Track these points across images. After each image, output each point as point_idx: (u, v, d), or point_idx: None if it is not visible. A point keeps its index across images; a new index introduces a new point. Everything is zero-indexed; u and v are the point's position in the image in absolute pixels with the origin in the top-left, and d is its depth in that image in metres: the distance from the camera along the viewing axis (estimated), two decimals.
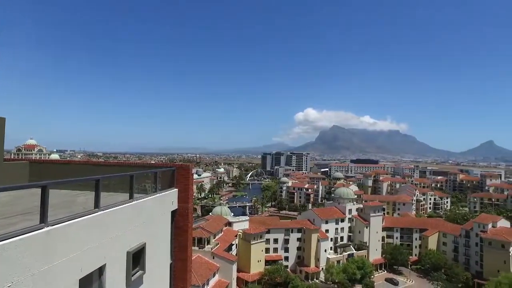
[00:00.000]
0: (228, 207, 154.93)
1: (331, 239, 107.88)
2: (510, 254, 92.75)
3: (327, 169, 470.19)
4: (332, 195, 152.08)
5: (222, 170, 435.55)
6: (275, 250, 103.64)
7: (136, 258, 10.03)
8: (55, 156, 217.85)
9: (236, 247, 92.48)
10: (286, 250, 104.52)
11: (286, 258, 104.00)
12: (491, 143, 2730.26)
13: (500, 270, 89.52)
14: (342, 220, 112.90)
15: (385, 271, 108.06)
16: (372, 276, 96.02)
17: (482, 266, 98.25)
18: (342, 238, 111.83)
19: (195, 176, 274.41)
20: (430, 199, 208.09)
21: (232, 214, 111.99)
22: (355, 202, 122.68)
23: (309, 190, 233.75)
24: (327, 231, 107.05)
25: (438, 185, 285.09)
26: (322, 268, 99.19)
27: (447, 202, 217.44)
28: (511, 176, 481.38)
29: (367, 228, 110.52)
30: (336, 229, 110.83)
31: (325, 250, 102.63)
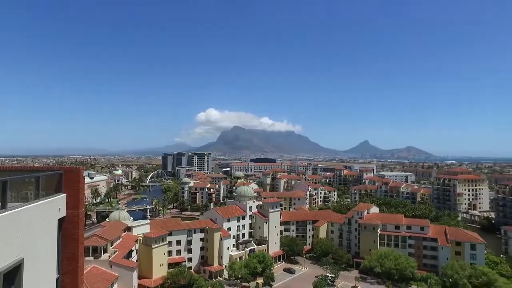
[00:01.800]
0: (127, 211, 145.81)
1: (233, 236, 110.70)
2: (378, 235, 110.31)
3: (228, 169, 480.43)
4: (234, 193, 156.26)
5: (120, 172, 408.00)
6: (178, 252, 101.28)
7: (10, 278, 8.69)
8: None
9: (136, 253, 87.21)
10: (190, 251, 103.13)
11: (190, 259, 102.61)
12: (367, 143, 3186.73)
13: (372, 249, 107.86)
14: (243, 218, 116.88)
15: (284, 262, 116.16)
16: (272, 268, 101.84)
17: (359, 247, 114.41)
18: (243, 234, 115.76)
19: (87, 179, 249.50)
20: (320, 193, 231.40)
21: (132, 218, 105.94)
22: (255, 200, 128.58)
23: (211, 189, 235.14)
24: (229, 229, 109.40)
25: (327, 180, 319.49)
26: (226, 266, 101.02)
27: (334, 195, 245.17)
28: (381, 170, 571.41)
29: (266, 223, 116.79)
30: (238, 226, 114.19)
31: (228, 248, 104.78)
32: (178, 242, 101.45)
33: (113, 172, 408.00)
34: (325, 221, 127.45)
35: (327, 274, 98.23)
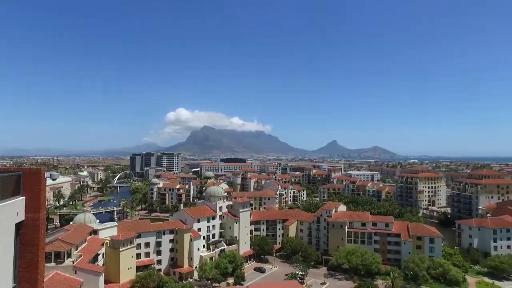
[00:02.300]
0: (93, 213, 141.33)
1: (204, 237, 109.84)
2: (345, 232, 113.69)
3: (198, 169, 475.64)
4: (204, 194, 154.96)
5: (85, 173, 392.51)
6: (147, 254, 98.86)
7: None
8: None
9: (103, 257, 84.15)
10: (159, 253, 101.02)
11: (159, 262, 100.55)
12: (335, 143, 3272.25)
13: (340, 246, 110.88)
14: (214, 218, 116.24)
15: (254, 261, 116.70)
16: (243, 268, 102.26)
17: (328, 244, 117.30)
18: (214, 235, 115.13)
19: (50, 181, 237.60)
20: (290, 192, 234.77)
21: (98, 221, 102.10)
22: (225, 200, 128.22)
23: (181, 190, 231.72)
24: (199, 229, 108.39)
25: (297, 180, 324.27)
26: (196, 267, 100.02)
27: (303, 194, 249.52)
28: (348, 169, 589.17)
29: (237, 223, 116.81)
30: (208, 227, 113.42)
31: (198, 249, 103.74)
32: (147, 244, 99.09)
33: (78, 173, 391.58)
34: (294, 220, 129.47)
35: (297, 272, 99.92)
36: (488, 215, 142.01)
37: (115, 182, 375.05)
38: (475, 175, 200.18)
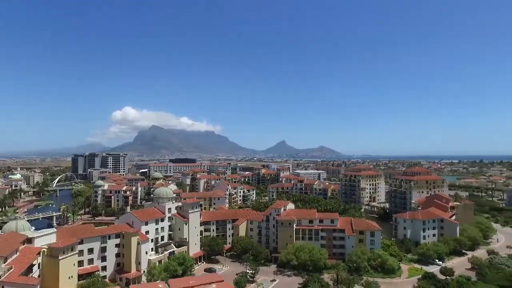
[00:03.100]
0: (28, 220, 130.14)
1: (152, 240, 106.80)
2: (294, 230, 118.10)
3: (146, 170, 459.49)
4: (152, 195, 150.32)
5: (18, 176, 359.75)
6: (91, 261, 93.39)
7: None
8: None
9: (39, 267, 77.89)
10: (104, 259, 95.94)
11: (104, 268, 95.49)
12: (284, 143, 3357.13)
13: (288, 243, 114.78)
14: (162, 220, 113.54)
15: (204, 262, 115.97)
16: (193, 270, 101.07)
17: (277, 242, 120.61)
18: (163, 237, 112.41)
19: None
20: (240, 192, 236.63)
21: (33, 228, 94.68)
22: (174, 201, 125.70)
23: (128, 192, 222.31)
24: (147, 232, 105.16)
25: (247, 180, 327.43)
26: (144, 271, 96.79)
27: (253, 193, 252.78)
28: (296, 168, 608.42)
29: (186, 224, 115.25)
30: (157, 229, 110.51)
31: (146, 252, 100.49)
32: (91, 250, 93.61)
33: (10, 176, 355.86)
34: (244, 219, 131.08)
35: (247, 271, 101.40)
36: (419, 208, 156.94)
37: (54, 185, 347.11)
38: (408, 172, 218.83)
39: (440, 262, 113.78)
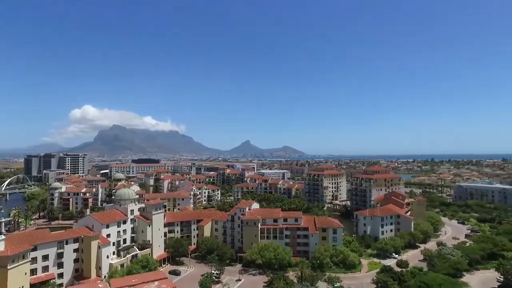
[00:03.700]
0: None
1: (114, 243, 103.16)
2: (259, 229, 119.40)
3: (107, 171, 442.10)
4: (113, 197, 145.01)
5: None
6: (45, 268, 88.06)
7: None
8: None
9: None
10: (61, 265, 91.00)
11: (61, 275, 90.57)
12: (248, 143, 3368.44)
13: (253, 242, 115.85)
14: (125, 222, 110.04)
15: (169, 264, 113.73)
16: None
17: (242, 242, 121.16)
18: (125, 240, 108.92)
19: None
20: (205, 192, 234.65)
21: None
22: (137, 202, 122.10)
23: (87, 194, 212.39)
24: (108, 235, 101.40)
25: (211, 180, 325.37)
26: (105, 276, 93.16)
27: (218, 193, 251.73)
28: (261, 168, 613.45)
29: (149, 226, 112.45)
30: (119, 232, 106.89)
31: (108, 256, 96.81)
32: (45, 257, 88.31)
33: None
34: (209, 220, 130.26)
35: (213, 271, 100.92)
36: (378, 205, 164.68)
37: (3, 188, 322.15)
38: (368, 171, 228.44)
39: (397, 256, 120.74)
